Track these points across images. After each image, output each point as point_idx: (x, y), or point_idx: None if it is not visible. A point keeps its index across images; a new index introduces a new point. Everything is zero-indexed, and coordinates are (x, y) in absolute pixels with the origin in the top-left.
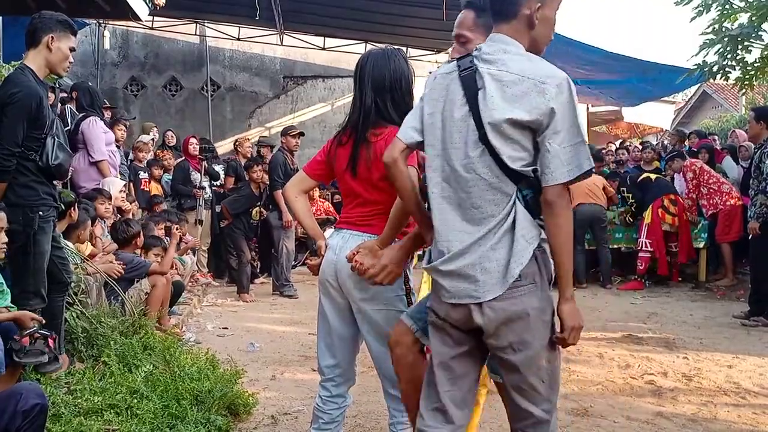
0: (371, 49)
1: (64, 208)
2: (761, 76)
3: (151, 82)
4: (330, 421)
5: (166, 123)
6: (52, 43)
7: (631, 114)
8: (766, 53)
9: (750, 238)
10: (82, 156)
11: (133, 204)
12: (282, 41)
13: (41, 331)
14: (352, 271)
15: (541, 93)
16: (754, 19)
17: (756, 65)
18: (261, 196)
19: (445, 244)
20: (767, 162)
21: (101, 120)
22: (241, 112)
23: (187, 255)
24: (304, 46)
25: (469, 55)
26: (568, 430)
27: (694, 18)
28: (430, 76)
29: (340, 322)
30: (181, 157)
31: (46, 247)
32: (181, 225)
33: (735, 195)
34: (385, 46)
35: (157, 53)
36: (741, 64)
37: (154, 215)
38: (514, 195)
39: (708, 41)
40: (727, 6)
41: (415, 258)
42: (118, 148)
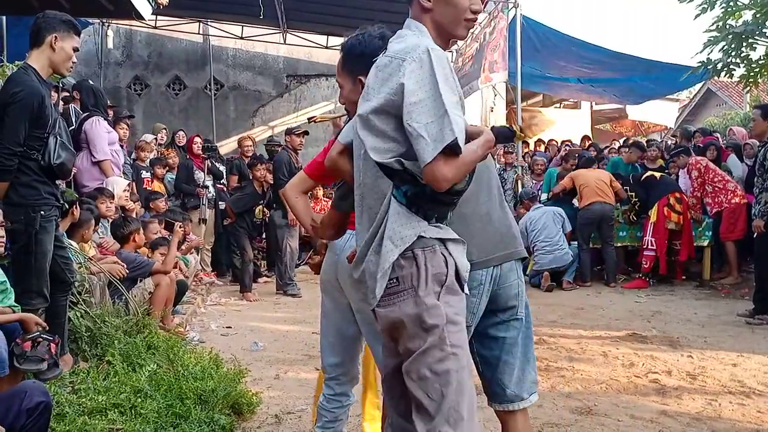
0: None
1: (67, 207)
2: (765, 74)
3: (154, 81)
4: (333, 419)
5: (169, 122)
6: (56, 43)
7: (636, 112)
8: None
9: (755, 236)
10: (86, 155)
11: (136, 203)
12: (285, 40)
13: (44, 335)
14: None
15: (398, 70)
16: (758, 16)
17: (760, 62)
18: (264, 195)
19: (358, 250)
20: None
21: (105, 120)
22: (244, 111)
23: (190, 254)
24: (307, 45)
25: None
26: (572, 429)
27: (698, 15)
28: None
29: (342, 321)
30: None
31: (49, 247)
32: (184, 224)
33: (740, 193)
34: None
35: (160, 52)
36: (745, 62)
37: (157, 214)
38: (389, 192)
39: (712, 39)
40: (731, 3)
41: None
42: (121, 147)
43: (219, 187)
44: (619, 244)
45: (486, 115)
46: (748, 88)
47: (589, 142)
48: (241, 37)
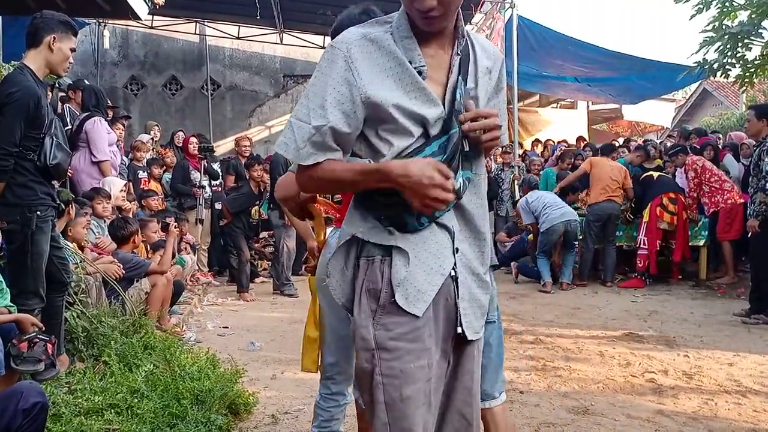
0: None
1: (63, 207)
2: (761, 74)
3: (151, 81)
4: (330, 418)
5: (166, 122)
6: (54, 44)
7: (632, 112)
8: (766, 51)
9: (750, 236)
10: (83, 155)
11: (132, 203)
12: (282, 40)
13: (40, 336)
14: None
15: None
16: (753, 16)
17: (756, 63)
18: (261, 195)
19: None
20: (767, 160)
21: (105, 121)
22: (241, 111)
23: (187, 254)
24: (304, 45)
25: None
26: (569, 429)
27: (693, 15)
28: None
29: (337, 321)
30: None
31: (45, 247)
32: (180, 224)
33: (736, 193)
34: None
35: (156, 52)
36: (741, 62)
37: (152, 213)
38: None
39: (708, 39)
40: (726, 4)
41: None
42: (118, 147)
43: (214, 189)
44: (617, 244)
45: None
46: (744, 89)
47: (585, 142)
48: (238, 37)
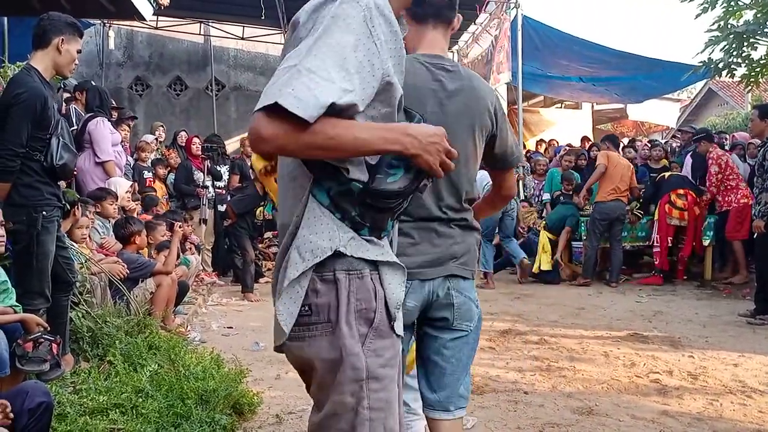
0: None
1: (68, 207)
2: (766, 73)
3: (155, 81)
4: None
5: (171, 123)
6: (62, 46)
7: (637, 112)
8: None
9: (755, 236)
10: (88, 156)
11: (137, 203)
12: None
13: (45, 336)
14: None
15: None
16: (759, 16)
17: (762, 62)
18: (266, 196)
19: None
20: None
21: (109, 121)
22: (245, 111)
23: (192, 255)
24: None
25: None
26: (573, 429)
27: (699, 15)
28: None
29: None
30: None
31: (50, 248)
32: (184, 225)
33: (748, 194)
34: None
35: (161, 53)
36: (747, 61)
37: (156, 215)
38: (308, 189)
39: (714, 38)
40: (732, 3)
41: None
42: (123, 148)
43: (218, 191)
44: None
45: None
46: (750, 88)
47: (590, 142)
48: (243, 38)
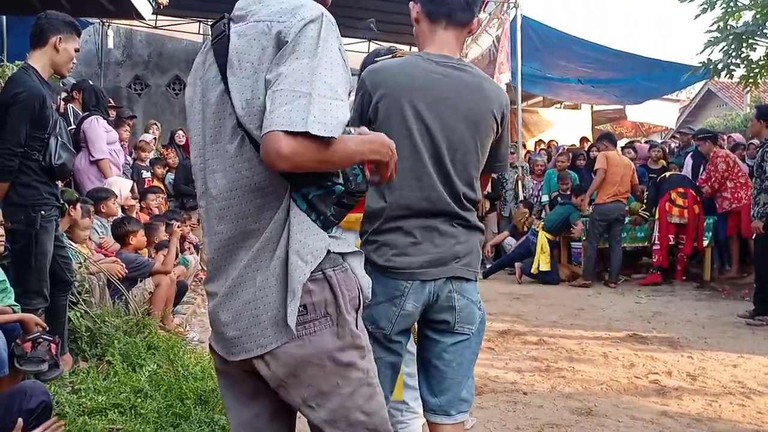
0: (377, 48)
1: (66, 207)
2: (766, 74)
3: (154, 81)
4: None
5: (169, 122)
6: (60, 44)
7: (636, 113)
8: None
9: (754, 237)
10: (83, 155)
11: (135, 201)
12: None
13: (44, 336)
14: None
15: (267, 31)
16: (758, 17)
17: (761, 63)
18: None
19: (218, 274)
20: None
21: (104, 119)
22: None
23: (191, 254)
24: None
25: (223, 17)
26: (572, 430)
27: (698, 15)
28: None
29: None
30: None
31: (49, 247)
32: (183, 224)
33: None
34: (390, 46)
35: (160, 52)
36: (746, 62)
37: (157, 216)
38: (287, 196)
39: (713, 39)
40: (731, 3)
41: None
42: (122, 147)
43: None
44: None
45: None
46: (749, 89)
47: (589, 143)
48: None
